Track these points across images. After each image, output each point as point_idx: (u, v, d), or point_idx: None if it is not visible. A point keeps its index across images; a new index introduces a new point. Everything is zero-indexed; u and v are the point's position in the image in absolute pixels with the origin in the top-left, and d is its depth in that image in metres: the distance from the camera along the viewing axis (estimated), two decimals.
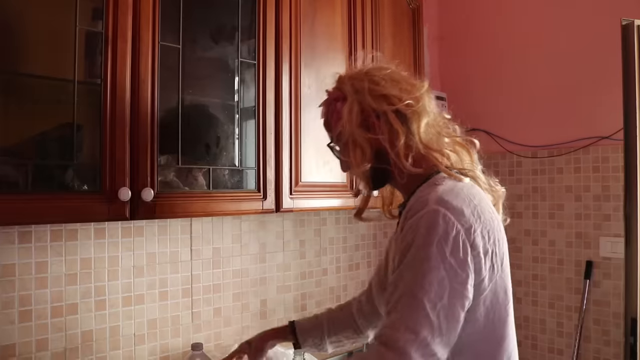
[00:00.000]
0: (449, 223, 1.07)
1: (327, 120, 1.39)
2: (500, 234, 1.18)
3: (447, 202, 1.10)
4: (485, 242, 1.10)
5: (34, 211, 1.35)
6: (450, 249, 1.06)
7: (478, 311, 1.12)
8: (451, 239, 1.06)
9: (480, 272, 1.09)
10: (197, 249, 2.04)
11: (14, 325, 1.61)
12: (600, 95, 2.46)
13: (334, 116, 1.32)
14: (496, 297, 1.14)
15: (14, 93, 1.40)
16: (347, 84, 1.32)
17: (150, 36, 1.53)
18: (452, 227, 1.07)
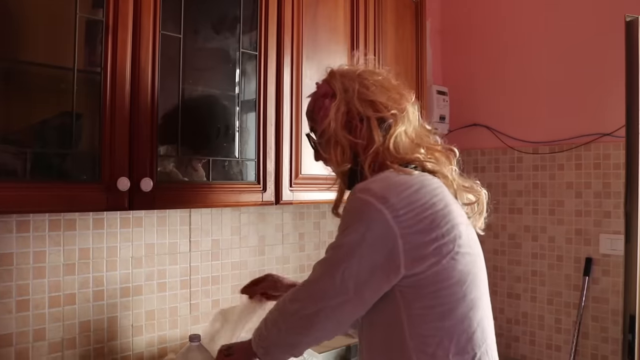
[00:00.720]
0: (367, 210, 1.13)
1: (312, 112, 1.42)
2: (450, 220, 1.17)
3: (369, 190, 1.15)
4: (413, 226, 1.12)
5: (32, 200, 1.34)
6: (363, 233, 1.12)
7: (423, 286, 1.14)
8: (365, 222, 1.12)
9: (404, 256, 1.12)
10: (196, 240, 2.03)
11: (11, 314, 1.60)
12: (603, 92, 2.45)
13: (320, 112, 1.35)
14: (443, 276, 1.14)
15: (13, 81, 1.39)
16: (337, 81, 1.35)
17: (151, 25, 1.52)
18: (369, 211, 1.12)
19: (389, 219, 1.10)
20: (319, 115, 1.36)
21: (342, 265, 1.13)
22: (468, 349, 1.16)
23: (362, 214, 1.13)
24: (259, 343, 1.27)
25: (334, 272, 1.14)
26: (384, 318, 1.19)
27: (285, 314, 1.22)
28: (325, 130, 1.32)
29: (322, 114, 1.33)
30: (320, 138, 1.36)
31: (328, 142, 1.32)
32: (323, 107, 1.34)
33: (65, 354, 1.71)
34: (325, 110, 1.33)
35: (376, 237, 1.11)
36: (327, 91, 1.36)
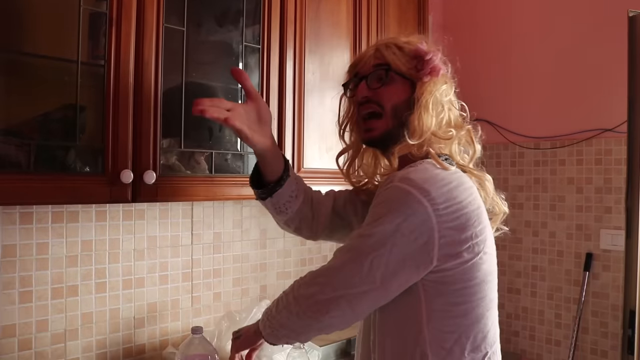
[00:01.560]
0: (411, 203, 1.09)
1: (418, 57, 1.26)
2: (482, 221, 1.17)
3: (411, 180, 1.12)
4: (450, 222, 1.10)
5: (36, 192, 1.35)
6: (399, 223, 1.09)
7: (449, 282, 1.14)
8: (402, 213, 1.09)
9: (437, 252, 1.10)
10: (198, 233, 2.04)
11: (14, 305, 1.61)
12: (605, 87, 2.46)
13: (434, 69, 1.25)
14: (470, 275, 1.14)
15: (17, 72, 1.39)
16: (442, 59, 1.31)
17: (154, 18, 1.52)
18: (407, 202, 1.09)
19: (429, 211, 1.08)
20: (430, 70, 1.25)
21: (371, 254, 1.09)
22: (482, 348, 1.17)
23: (400, 205, 1.10)
24: (266, 323, 1.23)
25: (362, 260, 1.10)
26: (402, 310, 1.17)
27: (300, 297, 1.17)
28: (424, 86, 1.23)
29: (435, 72, 1.25)
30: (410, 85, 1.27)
31: (418, 99, 1.23)
32: (437, 68, 1.25)
33: (68, 345, 1.72)
34: (437, 71, 1.25)
35: (413, 228, 1.08)
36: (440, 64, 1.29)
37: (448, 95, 1.28)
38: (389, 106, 1.25)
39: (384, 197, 1.14)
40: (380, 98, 1.26)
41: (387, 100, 1.25)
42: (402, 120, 1.23)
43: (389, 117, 1.25)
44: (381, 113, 1.26)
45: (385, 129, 1.26)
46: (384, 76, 1.26)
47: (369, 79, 1.28)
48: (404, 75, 1.26)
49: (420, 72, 1.25)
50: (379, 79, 1.27)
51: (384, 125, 1.26)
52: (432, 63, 1.25)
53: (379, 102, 1.26)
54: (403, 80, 1.26)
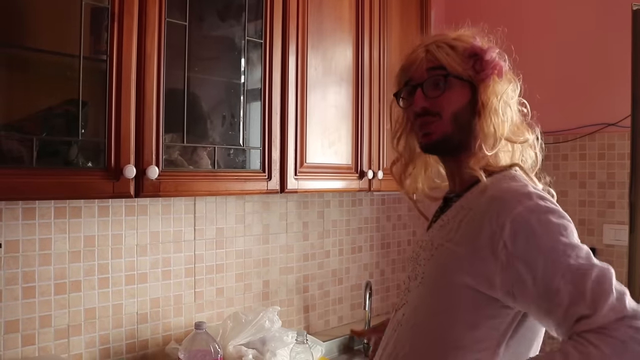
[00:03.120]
0: (558, 209, 1.02)
1: (474, 56, 1.16)
2: None
3: (544, 197, 1.03)
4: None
5: (39, 187, 1.35)
6: (569, 230, 1.01)
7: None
8: (566, 221, 1.01)
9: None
10: (201, 228, 2.04)
11: (17, 301, 1.61)
12: (608, 81, 2.44)
13: (496, 68, 1.15)
14: None
15: (19, 67, 1.40)
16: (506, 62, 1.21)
17: (156, 12, 1.52)
18: (561, 213, 1.02)
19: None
20: (491, 71, 1.15)
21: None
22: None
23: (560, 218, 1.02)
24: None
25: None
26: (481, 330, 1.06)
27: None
28: (488, 88, 1.14)
29: (498, 72, 1.16)
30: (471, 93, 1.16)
31: (485, 104, 1.14)
32: (500, 67, 1.16)
33: (71, 340, 1.72)
34: (500, 71, 1.16)
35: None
36: (502, 63, 1.20)
37: (515, 95, 1.20)
38: (449, 113, 1.14)
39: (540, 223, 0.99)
40: (440, 107, 1.14)
41: (447, 108, 1.14)
42: (463, 125, 1.14)
43: (448, 122, 1.14)
44: (436, 121, 1.15)
45: (443, 132, 1.14)
46: (442, 82, 1.14)
47: (425, 86, 1.15)
48: (462, 78, 1.14)
49: (480, 73, 1.14)
50: (437, 86, 1.14)
51: (442, 129, 1.14)
52: (493, 62, 1.15)
53: (438, 112, 1.14)
54: (462, 84, 1.15)
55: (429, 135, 1.16)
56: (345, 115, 2.06)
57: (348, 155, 2.07)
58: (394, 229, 2.84)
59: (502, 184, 1.08)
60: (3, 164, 1.31)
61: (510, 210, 1.01)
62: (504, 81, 1.17)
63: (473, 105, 1.14)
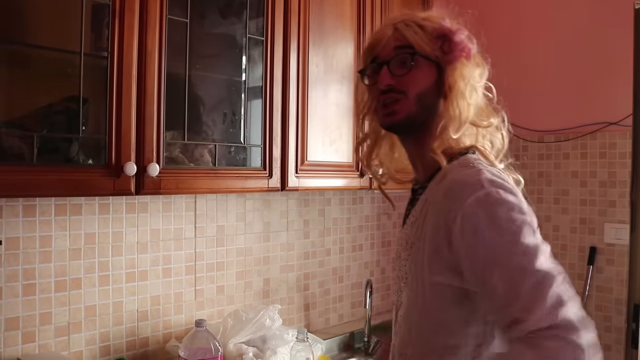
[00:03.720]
0: (513, 198, 1.00)
1: (442, 37, 1.13)
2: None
3: (499, 183, 1.00)
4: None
5: (39, 184, 1.35)
6: (519, 224, 0.97)
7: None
8: (526, 209, 1.00)
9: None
10: (201, 226, 2.03)
11: (18, 298, 1.60)
12: (609, 80, 2.44)
13: (464, 50, 1.13)
14: None
15: (20, 64, 1.39)
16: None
17: (157, 9, 1.51)
18: (516, 200, 1.00)
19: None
20: (460, 53, 1.13)
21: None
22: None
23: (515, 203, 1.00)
24: None
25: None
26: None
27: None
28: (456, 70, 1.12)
29: (465, 54, 1.13)
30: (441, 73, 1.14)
31: (452, 86, 1.11)
32: (468, 49, 1.13)
33: (72, 338, 1.71)
34: (469, 54, 1.13)
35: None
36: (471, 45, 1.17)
37: (483, 79, 1.18)
38: (414, 92, 1.11)
39: (488, 215, 0.97)
40: (405, 85, 1.11)
41: (413, 87, 1.11)
42: (427, 106, 1.12)
43: (413, 101, 1.11)
44: (401, 99, 1.12)
45: (407, 113, 1.11)
46: (408, 60, 1.11)
47: (391, 64, 1.12)
48: (429, 58, 1.12)
49: (448, 54, 1.12)
50: (403, 64, 1.11)
51: (406, 108, 1.11)
52: (462, 44, 1.13)
53: (403, 90, 1.11)
54: (429, 64, 1.12)
55: (393, 115, 1.13)
56: (347, 113, 2.06)
57: (349, 153, 2.06)
58: (395, 227, 2.83)
59: (456, 172, 1.06)
60: (4, 161, 1.30)
61: (461, 203, 0.99)
62: (472, 64, 1.15)
63: (439, 87, 1.13)
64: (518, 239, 0.95)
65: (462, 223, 0.98)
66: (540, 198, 2.69)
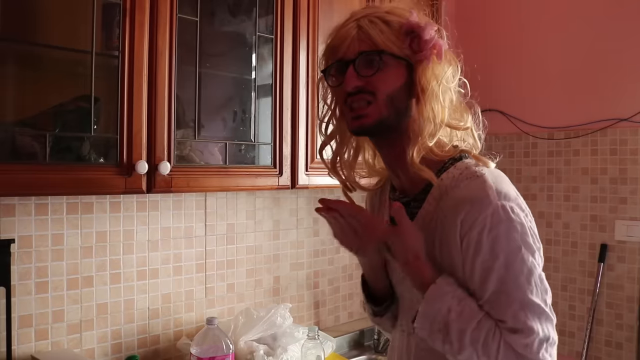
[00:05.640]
0: (517, 215, 1.00)
1: (410, 33, 1.06)
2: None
3: (506, 194, 1.01)
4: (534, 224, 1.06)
5: (51, 182, 1.35)
6: (531, 238, 1.01)
7: None
8: (527, 228, 1.01)
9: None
10: (212, 224, 2.04)
11: (30, 296, 1.62)
12: (620, 76, 2.43)
13: (435, 48, 1.06)
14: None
15: (31, 64, 1.40)
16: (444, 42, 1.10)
17: (168, 8, 1.52)
18: (520, 217, 1.01)
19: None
20: (430, 52, 1.06)
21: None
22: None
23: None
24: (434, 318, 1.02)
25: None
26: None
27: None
28: (431, 76, 1.06)
29: (436, 53, 1.06)
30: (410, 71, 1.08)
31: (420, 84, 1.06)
32: (439, 48, 1.06)
33: (84, 335, 1.73)
34: (440, 53, 1.07)
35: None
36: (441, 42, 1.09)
37: (456, 77, 1.11)
38: (384, 94, 1.04)
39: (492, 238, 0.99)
40: (374, 86, 1.04)
41: (382, 88, 1.04)
42: (399, 108, 1.06)
43: (383, 104, 1.04)
44: (372, 101, 1.05)
45: (379, 115, 1.05)
46: (376, 60, 1.04)
47: (357, 64, 1.04)
48: (398, 57, 1.05)
49: (418, 53, 1.05)
50: (370, 64, 1.04)
51: (377, 111, 1.05)
52: (432, 41, 1.05)
53: (373, 91, 1.04)
54: (397, 63, 1.05)
55: (362, 119, 1.06)
56: None
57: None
58: None
59: (463, 187, 1.04)
60: (17, 160, 1.31)
61: (473, 219, 1.00)
62: (444, 62, 1.08)
63: (409, 87, 1.07)
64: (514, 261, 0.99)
65: (468, 241, 1.00)
66: (550, 195, 2.68)
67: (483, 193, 1.00)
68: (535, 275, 1.00)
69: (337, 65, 1.08)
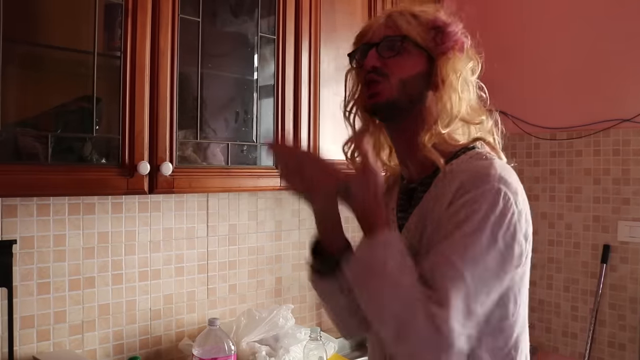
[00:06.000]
0: (507, 204, 0.99)
1: (436, 28, 1.11)
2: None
3: (508, 182, 1.00)
4: (528, 226, 1.04)
5: (53, 183, 1.35)
6: (503, 232, 0.98)
7: (510, 294, 1.05)
8: (506, 221, 0.99)
9: (520, 257, 1.02)
10: (214, 225, 2.04)
11: (32, 297, 1.62)
12: (623, 76, 2.42)
13: (457, 42, 1.10)
14: (523, 282, 1.09)
15: (33, 64, 1.40)
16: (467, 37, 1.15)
17: (170, 8, 1.52)
18: (509, 208, 0.99)
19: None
20: (452, 44, 1.10)
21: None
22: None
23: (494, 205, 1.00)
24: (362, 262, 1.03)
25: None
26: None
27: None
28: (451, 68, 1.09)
29: (458, 47, 1.11)
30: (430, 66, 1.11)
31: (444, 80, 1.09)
32: (461, 42, 1.11)
33: (85, 336, 1.72)
34: (461, 46, 1.11)
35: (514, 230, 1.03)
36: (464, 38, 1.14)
37: (475, 74, 1.15)
38: (397, 77, 1.08)
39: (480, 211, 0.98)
40: (389, 68, 1.08)
41: (397, 71, 1.08)
42: (412, 95, 1.09)
43: (395, 86, 1.07)
44: (382, 82, 1.08)
45: (388, 95, 1.08)
46: (397, 44, 1.08)
47: (379, 46, 1.09)
48: (420, 46, 1.09)
49: (441, 45, 1.09)
50: (391, 47, 1.08)
51: (387, 91, 1.08)
52: (455, 36, 1.10)
53: (387, 73, 1.08)
54: (418, 52, 1.09)
55: (375, 97, 1.09)
56: None
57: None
58: None
59: (469, 164, 1.05)
60: (18, 161, 1.31)
61: (466, 190, 1.00)
62: (465, 58, 1.12)
63: (427, 78, 1.10)
64: (472, 237, 0.96)
65: (453, 207, 1.00)
66: (553, 196, 2.67)
67: (485, 171, 1.01)
68: (481, 268, 0.96)
69: (363, 48, 1.13)
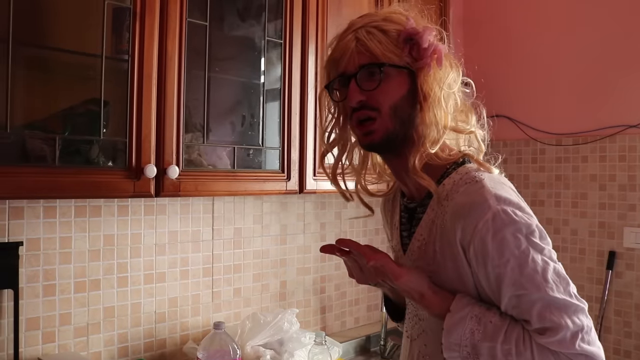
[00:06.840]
0: (516, 216, 0.98)
1: (409, 41, 1.06)
2: None
3: (506, 199, 0.99)
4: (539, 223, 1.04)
5: (60, 185, 1.36)
6: (538, 238, 0.99)
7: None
8: (534, 228, 0.99)
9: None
10: (219, 228, 2.04)
11: (38, 298, 1.62)
12: (629, 82, 2.42)
13: (435, 54, 1.05)
14: None
15: (41, 67, 1.40)
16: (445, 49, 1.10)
17: (177, 12, 1.52)
18: (521, 218, 0.98)
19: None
20: (431, 60, 1.05)
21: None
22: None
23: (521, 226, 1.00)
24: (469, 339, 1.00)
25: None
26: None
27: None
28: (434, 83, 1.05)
29: (437, 60, 1.06)
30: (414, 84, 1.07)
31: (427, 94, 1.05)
32: (440, 55, 1.06)
33: (90, 338, 1.73)
34: (440, 59, 1.06)
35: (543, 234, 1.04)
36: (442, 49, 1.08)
37: (457, 82, 1.10)
38: (387, 107, 1.05)
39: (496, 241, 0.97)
40: (376, 101, 1.05)
41: (385, 101, 1.04)
42: (404, 119, 1.06)
43: (388, 117, 1.05)
44: (376, 117, 1.05)
45: (385, 129, 1.05)
46: (377, 73, 1.04)
47: (359, 78, 1.04)
48: (399, 67, 1.05)
49: (419, 61, 1.05)
50: (371, 76, 1.04)
51: (383, 126, 1.05)
52: (431, 48, 1.04)
53: (376, 107, 1.05)
54: (399, 72, 1.05)
55: (371, 135, 1.06)
56: None
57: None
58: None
59: (462, 192, 1.02)
60: (26, 163, 1.32)
61: (472, 227, 0.98)
62: (445, 66, 1.07)
63: (413, 95, 1.06)
64: (526, 262, 0.97)
65: (474, 250, 0.99)
66: (558, 202, 2.67)
67: (481, 198, 0.99)
68: (550, 271, 0.97)
69: (340, 79, 1.08)
